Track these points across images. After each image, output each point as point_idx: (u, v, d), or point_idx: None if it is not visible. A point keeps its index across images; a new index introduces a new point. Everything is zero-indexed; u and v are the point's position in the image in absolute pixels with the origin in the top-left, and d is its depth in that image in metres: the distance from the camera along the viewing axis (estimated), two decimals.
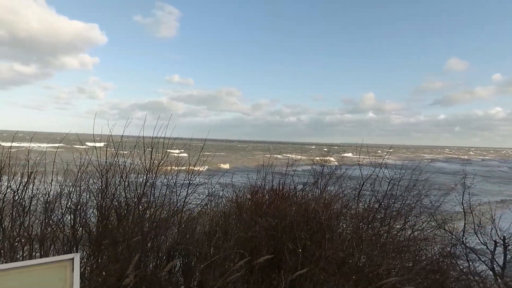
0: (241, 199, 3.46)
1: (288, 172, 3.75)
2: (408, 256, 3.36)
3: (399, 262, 3.21)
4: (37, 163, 3.72)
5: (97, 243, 3.36)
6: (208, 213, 3.55)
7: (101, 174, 3.55)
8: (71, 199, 3.52)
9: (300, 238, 2.95)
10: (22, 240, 3.35)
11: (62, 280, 1.20)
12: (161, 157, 3.65)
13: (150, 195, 3.58)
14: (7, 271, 1.14)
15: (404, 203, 3.30)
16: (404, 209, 3.42)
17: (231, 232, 3.04)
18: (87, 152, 3.73)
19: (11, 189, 3.45)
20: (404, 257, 3.32)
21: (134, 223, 3.38)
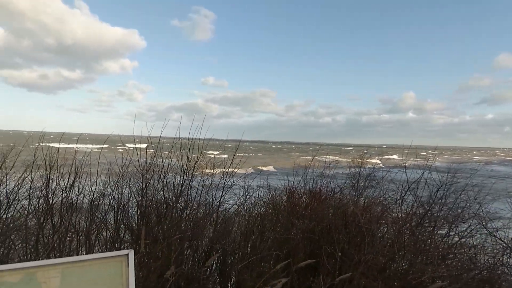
0: (277, 200, 3.41)
1: (326, 174, 3.65)
2: (455, 263, 3.14)
3: (445, 269, 3.00)
4: (83, 163, 3.90)
5: (138, 240, 3.45)
6: (243, 213, 3.54)
7: (141, 174, 3.66)
8: (113, 197, 3.66)
9: (339, 242, 2.84)
10: (70, 235, 3.53)
11: (119, 274, 1.22)
12: (197, 157, 3.70)
13: (187, 195, 3.63)
14: (72, 263, 1.17)
15: (450, 208, 3.08)
16: (451, 215, 3.19)
17: (268, 233, 2.99)
18: (128, 153, 3.87)
19: (60, 187, 3.63)
20: (450, 264, 3.10)
21: (173, 222, 3.44)
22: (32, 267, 1.14)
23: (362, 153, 3.86)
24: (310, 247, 3.01)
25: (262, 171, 5.27)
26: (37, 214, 3.45)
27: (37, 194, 3.52)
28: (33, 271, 1.13)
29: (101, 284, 1.17)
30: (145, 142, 3.98)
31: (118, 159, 3.98)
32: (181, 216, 3.52)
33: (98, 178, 3.82)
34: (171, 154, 3.84)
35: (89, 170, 3.79)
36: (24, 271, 1.12)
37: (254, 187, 3.83)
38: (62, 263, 1.18)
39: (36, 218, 3.46)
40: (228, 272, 3.01)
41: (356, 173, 3.57)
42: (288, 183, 3.52)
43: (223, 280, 3.02)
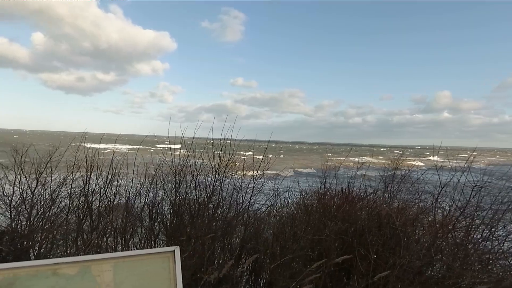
0: (308, 201, 3.34)
1: (358, 175, 3.53)
2: (495, 269, 2.93)
3: (486, 276, 2.80)
4: (119, 163, 4.02)
5: (172, 238, 3.52)
6: (274, 213, 3.50)
7: (174, 173, 3.72)
8: (148, 196, 3.75)
9: (372, 244, 2.73)
10: (108, 232, 3.65)
11: (167, 270, 1.22)
12: (229, 158, 3.71)
13: (218, 195, 3.65)
14: (123, 258, 1.19)
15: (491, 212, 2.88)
16: (490, 218, 2.98)
17: (300, 233, 2.93)
18: (163, 153, 3.95)
19: (98, 186, 3.75)
20: (491, 270, 2.90)
21: (205, 221, 3.46)
22: (87, 261, 1.17)
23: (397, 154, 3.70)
24: (342, 249, 2.92)
25: (294, 172, 5.17)
26: (77, 212, 3.59)
27: (78, 193, 3.66)
28: (87, 264, 1.15)
29: (150, 278, 1.18)
30: (177, 143, 4.05)
31: (153, 160, 4.08)
32: (213, 216, 3.54)
33: (134, 177, 3.93)
34: (203, 154, 3.88)
35: (126, 169, 3.90)
36: (80, 264, 1.15)
37: (284, 187, 3.78)
38: (113, 258, 1.20)
39: (76, 216, 3.61)
40: (259, 271, 2.98)
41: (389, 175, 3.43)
42: (319, 184, 3.44)
43: (255, 279, 2.99)
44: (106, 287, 1.11)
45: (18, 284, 1.03)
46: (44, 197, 3.47)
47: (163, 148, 4.31)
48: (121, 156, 4.21)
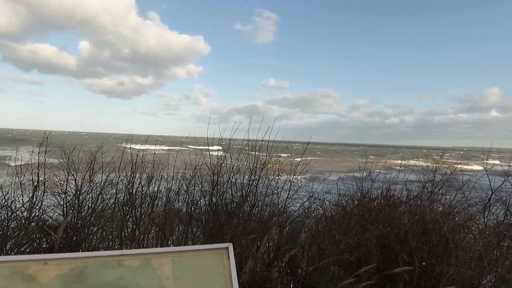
0: (347, 204, 3.24)
1: (399, 177, 3.38)
2: None
3: None
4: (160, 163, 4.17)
5: (209, 237, 3.57)
6: (311, 216, 3.43)
7: (212, 173, 3.79)
8: (187, 195, 3.85)
9: (417, 250, 2.58)
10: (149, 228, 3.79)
11: (221, 266, 1.22)
12: (265, 159, 3.71)
13: (254, 195, 3.66)
14: (179, 252, 1.21)
15: None
16: None
17: (338, 237, 2.84)
18: (201, 153, 4.05)
19: (141, 185, 3.91)
20: None
21: (241, 221, 3.49)
22: (148, 254, 1.20)
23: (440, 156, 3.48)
24: (383, 254, 2.79)
25: (323, 172, 5.08)
26: (122, 209, 3.77)
27: (122, 190, 3.84)
28: (148, 257, 1.19)
29: (206, 273, 1.19)
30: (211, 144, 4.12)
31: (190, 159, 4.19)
32: (248, 216, 3.56)
33: (174, 177, 4.06)
34: (239, 155, 3.91)
35: (167, 169, 4.04)
36: (142, 257, 1.18)
37: (322, 189, 3.70)
38: (172, 252, 1.23)
39: (120, 212, 3.78)
40: (299, 274, 2.93)
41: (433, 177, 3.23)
42: (358, 186, 3.32)
43: (293, 281, 2.95)
44: (166, 279, 1.14)
45: (89, 273, 1.09)
46: (92, 195, 3.67)
47: (200, 149, 4.40)
48: (161, 157, 4.36)
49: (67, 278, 1.05)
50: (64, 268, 1.08)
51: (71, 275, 1.07)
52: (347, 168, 26.53)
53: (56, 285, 1.02)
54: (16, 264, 1.04)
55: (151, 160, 4.12)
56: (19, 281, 1.01)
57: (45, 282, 1.03)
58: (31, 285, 1.00)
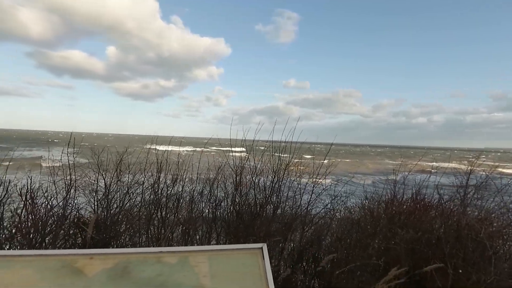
0: (374, 207, 3.17)
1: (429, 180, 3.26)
2: None
3: None
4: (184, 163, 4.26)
5: (233, 236, 3.61)
6: (335, 218, 3.38)
7: (235, 174, 3.83)
8: (211, 195, 3.91)
9: (450, 256, 2.48)
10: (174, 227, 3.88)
11: (256, 266, 1.23)
12: (288, 160, 3.70)
13: (278, 197, 3.66)
14: (215, 251, 1.23)
15: None
16: None
17: (366, 240, 2.78)
18: (225, 154, 4.10)
19: (166, 185, 4.00)
20: None
21: (265, 222, 3.49)
22: (184, 252, 1.24)
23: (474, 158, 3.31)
24: (413, 260, 2.70)
25: (347, 174, 4.91)
26: (149, 207, 3.87)
27: (148, 189, 3.95)
28: (185, 255, 1.22)
29: (242, 272, 1.20)
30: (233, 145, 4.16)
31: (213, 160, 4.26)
32: (272, 217, 3.56)
33: (197, 177, 4.14)
34: (263, 156, 3.92)
35: (191, 169, 4.12)
36: (179, 254, 1.22)
37: (346, 191, 3.64)
38: (207, 250, 1.25)
39: (147, 211, 3.89)
40: (325, 277, 2.89)
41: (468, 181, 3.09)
42: (385, 189, 3.24)
43: (319, 284, 2.92)
44: (203, 277, 1.16)
45: (131, 268, 1.13)
46: (120, 194, 3.80)
47: (223, 150, 4.46)
48: (185, 158, 4.45)
49: (112, 272, 1.10)
50: (109, 263, 1.13)
51: (115, 269, 1.11)
52: (374, 170, 25.62)
53: (102, 279, 1.07)
54: (65, 258, 1.10)
55: (176, 161, 4.21)
56: (68, 274, 1.07)
57: (91, 275, 1.08)
58: (79, 278, 1.06)
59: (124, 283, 1.08)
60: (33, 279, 1.02)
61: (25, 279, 1.02)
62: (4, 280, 1.02)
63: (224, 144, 4.40)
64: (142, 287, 1.09)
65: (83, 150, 4.06)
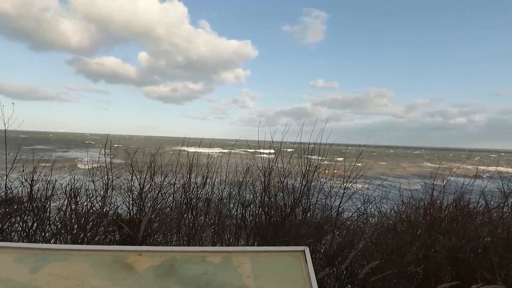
0: (412, 212, 3.03)
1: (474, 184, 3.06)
2: None
3: None
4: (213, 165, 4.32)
5: (262, 238, 3.61)
6: (369, 222, 3.28)
7: (263, 176, 3.83)
8: (239, 196, 3.94)
9: (500, 267, 2.31)
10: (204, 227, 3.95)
11: (298, 268, 1.22)
12: (318, 161, 3.65)
13: (307, 199, 3.62)
14: (257, 252, 1.24)
15: None
16: None
17: (403, 247, 2.67)
18: (253, 155, 4.12)
19: (196, 185, 4.09)
20: None
21: (294, 225, 3.46)
22: (227, 252, 1.25)
23: None
24: (456, 269, 2.54)
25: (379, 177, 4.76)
26: (180, 207, 3.97)
27: (179, 190, 4.05)
28: (228, 255, 1.23)
29: (284, 274, 1.20)
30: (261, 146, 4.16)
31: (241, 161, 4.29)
32: (302, 220, 3.52)
33: (226, 178, 4.19)
34: (291, 158, 3.89)
35: (220, 170, 4.18)
36: (222, 254, 1.23)
37: (380, 195, 3.52)
38: (250, 251, 1.26)
39: (178, 210, 3.99)
40: (353, 281, 2.81)
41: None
42: (425, 193, 3.09)
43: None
44: (247, 277, 1.17)
45: (177, 266, 1.16)
46: (153, 194, 3.93)
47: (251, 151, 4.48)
48: (214, 159, 4.52)
49: (160, 269, 1.13)
50: (156, 260, 1.16)
51: (163, 266, 1.15)
52: (412, 173, 24.34)
53: (151, 275, 1.11)
54: (117, 253, 1.16)
55: (205, 162, 4.28)
56: (120, 269, 1.11)
57: (141, 271, 1.12)
58: (130, 273, 1.10)
59: (171, 280, 1.12)
60: (88, 273, 1.08)
61: (82, 272, 1.08)
62: (63, 272, 1.08)
63: (252, 145, 4.43)
64: (188, 285, 1.12)
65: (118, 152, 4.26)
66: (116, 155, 4.08)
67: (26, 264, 1.10)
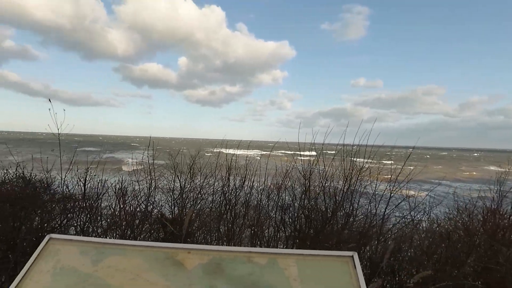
0: (468, 219, 2.79)
1: None
2: None
3: None
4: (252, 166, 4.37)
5: (301, 242, 3.56)
6: (417, 229, 3.08)
7: (303, 178, 3.78)
8: (278, 198, 3.93)
9: None
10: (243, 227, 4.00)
11: (347, 274, 1.18)
12: (360, 165, 3.51)
13: (349, 203, 3.50)
14: (303, 256, 1.22)
15: None
16: None
17: (458, 257, 2.46)
18: (293, 157, 4.10)
19: (235, 187, 4.15)
20: None
21: (336, 230, 3.37)
22: (273, 253, 1.25)
23: None
24: None
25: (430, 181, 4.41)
26: (219, 207, 4.07)
27: (218, 191, 4.15)
28: (274, 257, 1.23)
29: (332, 280, 1.17)
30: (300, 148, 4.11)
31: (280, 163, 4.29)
32: (344, 225, 3.41)
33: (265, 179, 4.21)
34: (333, 160, 3.79)
35: (259, 172, 4.21)
36: (268, 256, 1.24)
37: (431, 200, 3.29)
38: (295, 254, 1.25)
39: (217, 210, 4.09)
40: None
41: None
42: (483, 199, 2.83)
43: None
44: (294, 281, 1.16)
45: (224, 265, 1.19)
46: (193, 194, 4.08)
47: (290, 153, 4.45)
48: (252, 161, 4.57)
49: (208, 267, 1.17)
50: (204, 258, 1.20)
51: (210, 265, 1.18)
52: (474, 178, 22.29)
53: (199, 273, 1.15)
54: (168, 250, 1.22)
55: (243, 164, 4.34)
56: (171, 265, 1.17)
57: (190, 268, 1.16)
58: (180, 270, 1.15)
59: (219, 279, 1.14)
60: (143, 267, 1.15)
61: (137, 266, 1.15)
62: (119, 265, 1.17)
63: (291, 147, 4.40)
64: (235, 284, 1.14)
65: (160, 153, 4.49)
66: (158, 156, 4.31)
67: (88, 256, 1.21)
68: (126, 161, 6.29)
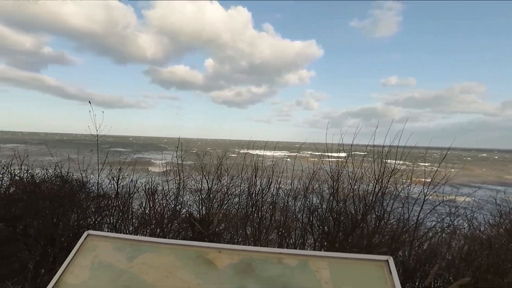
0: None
1: None
2: None
3: None
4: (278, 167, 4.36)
5: (329, 245, 3.49)
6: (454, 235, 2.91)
7: (331, 180, 3.71)
8: (305, 199, 3.89)
9: None
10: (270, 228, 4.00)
11: (382, 279, 1.14)
12: (392, 166, 3.38)
13: (380, 207, 3.38)
14: (336, 259, 1.20)
15: None
16: None
17: (502, 265, 2.29)
18: (320, 158, 4.04)
19: (261, 188, 4.16)
20: None
21: (366, 233, 3.27)
22: (304, 255, 1.23)
23: None
24: None
25: (468, 184, 4.10)
26: (245, 208, 4.10)
27: (245, 191, 4.18)
28: (305, 259, 1.22)
29: (366, 284, 1.13)
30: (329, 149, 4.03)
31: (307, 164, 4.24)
32: (374, 228, 3.30)
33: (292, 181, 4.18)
34: (363, 162, 3.68)
35: (286, 173, 4.20)
36: (298, 257, 1.22)
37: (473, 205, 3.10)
38: (328, 257, 1.22)
39: (244, 211, 4.12)
40: None
41: None
42: None
43: None
44: (325, 284, 1.13)
45: (254, 266, 1.19)
46: (220, 194, 4.14)
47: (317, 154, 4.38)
48: (279, 162, 4.55)
49: (238, 267, 1.18)
50: (235, 258, 1.21)
51: (240, 265, 1.19)
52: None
53: (230, 273, 1.16)
54: (199, 249, 1.24)
55: (270, 164, 4.34)
56: (202, 263, 1.19)
57: (221, 268, 1.18)
58: (211, 269, 1.17)
59: (249, 279, 1.15)
60: (175, 265, 1.18)
61: (170, 264, 1.19)
62: (153, 262, 1.21)
63: (319, 148, 4.33)
64: (266, 285, 1.14)
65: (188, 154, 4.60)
66: (185, 157, 4.42)
67: (123, 252, 1.26)
68: (155, 162, 6.54)
